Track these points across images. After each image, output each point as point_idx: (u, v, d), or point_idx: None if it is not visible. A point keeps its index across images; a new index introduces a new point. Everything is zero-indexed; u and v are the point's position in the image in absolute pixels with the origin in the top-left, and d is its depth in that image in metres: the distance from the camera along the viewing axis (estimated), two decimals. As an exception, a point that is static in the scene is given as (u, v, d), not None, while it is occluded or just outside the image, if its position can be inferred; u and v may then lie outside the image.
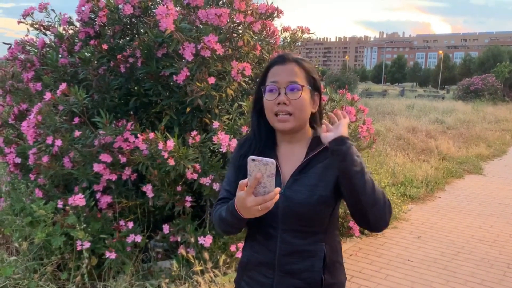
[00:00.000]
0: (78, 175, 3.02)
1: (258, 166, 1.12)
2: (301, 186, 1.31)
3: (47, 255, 2.99)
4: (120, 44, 3.56)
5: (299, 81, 1.32)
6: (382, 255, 3.96)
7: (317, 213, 1.30)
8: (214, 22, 2.81)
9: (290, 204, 1.30)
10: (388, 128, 11.49)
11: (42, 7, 3.84)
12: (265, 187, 1.14)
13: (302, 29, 4.27)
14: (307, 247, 1.32)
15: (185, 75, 2.79)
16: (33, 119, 2.87)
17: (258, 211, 1.16)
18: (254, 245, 1.40)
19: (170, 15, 2.71)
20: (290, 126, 1.32)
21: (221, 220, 1.32)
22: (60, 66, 3.46)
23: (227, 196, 1.40)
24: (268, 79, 1.35)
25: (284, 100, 1.30)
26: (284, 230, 1.33)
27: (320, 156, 1.34)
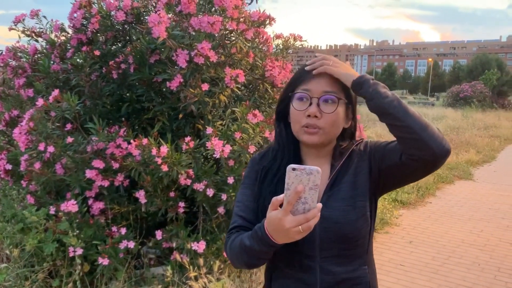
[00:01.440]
0: (70, 181, 3.01)
1: (300, 177, 0.92)
2: (337, 202, 1.15)
3: (39, 262, 2.96)
4: (112, 50, 3.56)
5: (335, 92, 1.16)
6: (375, 260, 3.96)
7: (358, 229, 1.15)
8: (207, 30, 2.83)
9: (328, 225, 1.13)
10: (379, 135, 11.56)
11: (34, 14, 3.84)
12: (305, 203, 0.94)
13: (295, 37, 4.31)
14: (351, 274, 1.16)
15: (178, 81, 2.81)
16: (25, 125, 2.86)
17: (299, 233, 0.95)
18: (285, 282, 1.18)
19: (162, 22, 2.73)
20: (317, 141, 1.17)
21: (244, 251, 1.08)
22: (52, 72, 3.45)
23: (242, 224, 1.17)
24: (300, 86, 1.18)
25: (315, 112, 1.13)
26: (324, 258, 1.14)
27: (347, 164, 1.21)
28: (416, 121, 1.07)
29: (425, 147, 1.06)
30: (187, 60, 2.76)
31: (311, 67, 1.18)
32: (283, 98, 1.24)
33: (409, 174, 1.15)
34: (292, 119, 1.20)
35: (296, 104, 1.18)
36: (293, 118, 1.20)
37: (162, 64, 3.19)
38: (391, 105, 1.09)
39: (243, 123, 2.98)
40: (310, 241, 1.13)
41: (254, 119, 2.94)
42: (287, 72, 3.63)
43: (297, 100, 1.17)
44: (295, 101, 1.18)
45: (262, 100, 3.59)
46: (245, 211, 1.20)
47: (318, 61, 1.18)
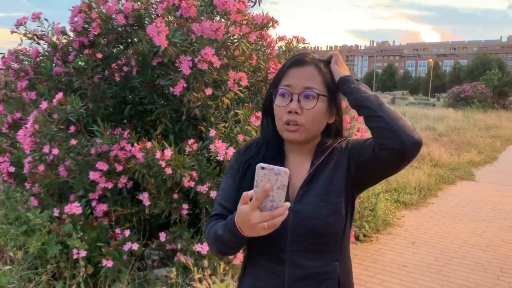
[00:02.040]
0: (74, 183, 3.01)
1: (268, 176, 0.96)
2: (311, 197, 1.17)
3: (42, 264, 2.97)
4: (114, 53, 3.57)
5: (316, 88, 1.17)
6: (377, 261, 3.98)
7: (330, 225, 1.16)
8: (210, 36, 2.83)
9: (300, 220, 1.14)
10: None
11: (35, 17, 3.85)
12: (273, 201, 0.98)
13: (298, 39, 4.32)
14: (320, 269, 1.17)
15: (182, 86, 2.81)
16: (30, 128, 2.87)
17: (264, 229, 0.99)
18: (257, 272, 1.22)
19: (162, 32, 2.73)
20: (299, 138, 1.18)
21: (217, 239, 1.13)
22: (54, 75, 3.46)
23: (222, 213, 1.21)
24: (282, 82, 1.19)
25: (296, 108, 1.15)
26: (294, 252, 1.16)
27: (327, 160, 1.21)
28: (389, 113, 1.11)
29: (395, 137, 1.08)
30: (190, 66, 2.77)
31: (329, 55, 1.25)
32: (268, 95, 1.26)
33: (381, 166, 1.16)
34: (275, 115, 1.21)
35: (278, 100, 1.19)
36: (276, 114, 1.21)
37: (164, 67, 3.20)
38: (368, 99, 1.14)
39: (246, 126, 2.98)
40: (282, 234, 1.14)
41: (257, 121, 2.95)
42: (289, 74, 3.64)
43: (279, 97, 1.19)
44: (277, 98, 1.20)
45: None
46: (226, 200, 1.23)
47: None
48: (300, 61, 1.19)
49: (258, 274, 1.22)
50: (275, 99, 1.20)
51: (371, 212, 4.72)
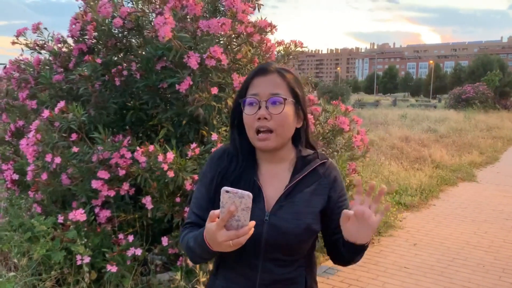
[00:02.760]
0: (76, 190, 3.04)
1: (233, 199, 1.02)
2: (288, 214, 1.21)
3: (46, 270, 2.99)
4: (113, 59, 3.61)
5: (281, 93, 1.21)
6: (379, 263, 3.99)
7: (302, 242, 1.23)
8: (216, 31, 2.87)
9: (275, 233, 1.20)
10: (382, 138, 11.60)
11: (35, 27, 3.88)
12: (238, 221, 1.04)
13: (295, 43, 4.36)
14: (288, 275, 1.24)
15: (188, 83, 2.84)
16: (32, 137, 2.90)
17: (230, 247, 1.06)
18: (229, 275, 1.27)
19: (167, 23, 2.77)
20: (272, 145, 1.21)
21: (189, 250, 1.20)
22: (55, 83, 3.50)
23: (195, 221, 1.26)
24: (248, 92, 1.24)
25: (265, 114, 1.19)
26: (267, 260, 1.22)
27: (307, 180, 1.25)
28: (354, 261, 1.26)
29: (339, 261, 1.30)
30: (198, 62, 2.80)
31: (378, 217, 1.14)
32: (235, 106, 1.28)
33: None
34: (246, 125, 1.24)
35: (247, 109, 1.23)
36: (246, 123, 1.24)
37: (168, 70, 3.23)
38: (356, 259, 1.25)
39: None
40: (257, 244, 1.20)
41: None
42: (287, 78, 3.67)
43: (248, 106, 1.23)
44: (246, 107, 1.23)
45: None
46: (199, 209, 1.28)
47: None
48: (264, 70, 1.24)
49: (231, 276, 1.27)
50: (244, 108, 1.24)
51: (373, 214, 4.73)
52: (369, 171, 6.56)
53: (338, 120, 3.70)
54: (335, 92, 33.47)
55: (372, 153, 8.82)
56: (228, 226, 1.04)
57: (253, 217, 1.13)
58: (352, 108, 3.91)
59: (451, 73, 64.11)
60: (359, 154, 3.74)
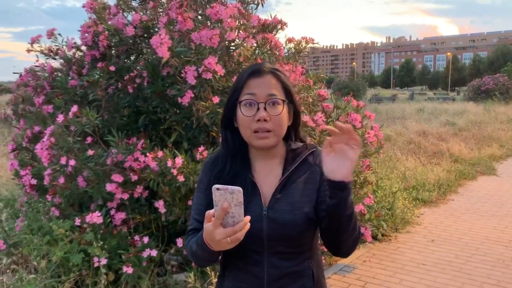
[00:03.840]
0: (93, 193, 3.10)
1: (224, 195, 1.04)
2: (285, 206, 1.23)
3: (65, 272, 3.05)
4: (126, 64, 3.65)
5: (278, 95, 1.23)
6: (396, 260, 3.96)
7: (304, 232, 1.24)
8: (207, 44, 2.89)
9: (275, 227, 1.22)
10: (399, 133, 11.46)
11: (50, 34, 3.95)
12: (233, 217, 1.06)
13: (306, 40, 4.34)
14: (296, 268, 1.25)
15: (189, 97, 2.87)
16: (47, 141, 2.97)
17: (228, 244, 1.07)
18: (237, 274, 1.28)
19: (164, 43, 2.79)
20: (270, 144, 1.24)
21: (193, 254, 1.22)
22: (69, 88, 3.56)
23: (197, 227, 1.27)
24: (244, 93, 1.24)
25: (265, 116, 1.20)
26: (271, 254, 1.23)
27: (299, 170, 1.27)
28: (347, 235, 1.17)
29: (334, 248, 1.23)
30: (196, 76, 2.82)
31: (347, 129, 1.08)
32: (230, 106, 1.28)
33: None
34: (242, 125, 1.25)
35: (244, 110, 1.23)
36: (242, 124, 1.24)
37: (173, 76, 3.26)
38: (343, 218, 1.14)
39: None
40: (259, 239, 1.22)
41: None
42: (297, 75, 3.67)
43: (245, 106, 1.23)
44: (243, 108, 1.24)
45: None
46: (199, 214, 1.28)
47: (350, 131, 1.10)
48: (258, 71, 1.25)
49: (238, 275, 1.28)
50: (240, 109, 1.24)
51: (389, 211, 4.69)
52: (385, 167, 6.48)
53: (350, 116, 3.68)
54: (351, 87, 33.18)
55: (388, 148, 8.74)
56: (224, 223, 1.06)
57: (252, 213, 1.15)
58: (363, 103, 3.87)
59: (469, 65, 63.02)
60: (372, 150, 3.71)
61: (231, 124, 1.29)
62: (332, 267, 3.77)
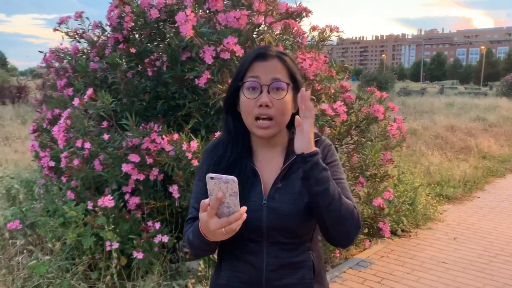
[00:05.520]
0: (107, 177, 3.09)
1: (218, 185, 1.00)
2: (285, 195, 1.19)
3: (79, 255, 3.07)
4: (148, 48, 3.63)
5: (283, 79, 1.18)
6: (415, 257, 3.84)
7: (305, 222, 1.19)
8: (233, 25, 2.82)
9: (275, 217, 1.18)
10: (425, 127, 11.16)
11: (78, 16, 3.96)
12: (229, 207, 1.02)
13: (331, 28, 4.22)
14: (295, 259, 1.21)
15: (206, 78, 2.81)
16: (63, 123, 2.97)
17: (223, 234, 1.03)
18: (234, 263, 1.24)
19: (189, 21, 2.74)
20: (271, 133, 1.20)
21: (190, 244, 1.19)
22: (90, 71, 3.56)
23: (196, 216, 1.22)
24: (247, 76, 1.19)
25: (267, 101, 1.15)
26: (270, 244, 1.20)
27: None
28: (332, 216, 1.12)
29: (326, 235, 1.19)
30: (214, 56, 2.76)
31: (300, 95, 1.11)
32: (233, 89, 1.24)
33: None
34: (244, 110, 1.20)
35: (247, 93, 1.19)
36: (244, 108, 1.20)
37: (193, 61, 3.21)
38: (319, 195, 1.11)
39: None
40: (258, 229, 1.18)
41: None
42: (319, 64, 3.56)
43: (247, 90, 1.19)
44: (246, 91, 1.19)
45: (295, 93, 3.54)
46: (198, 203, 1.20)
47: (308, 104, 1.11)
48: (263, 55, 1.20)
49: (236, 265, 1.24)
50: (243, 92, 1.20)
51: (410, 206, 4.55)
52: (408, 161, 6.30)
53: (372, 108, 3.56)
54: (379, 79, 32.65)
55: (413, 142, 8.53)
56: (219, 213, 1.03)
57: (251, 202, 1.15)
58: (387, 95, 3.74)
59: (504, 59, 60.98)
60: (394, 143, 3.58)
61: (233, 108, 1.25)
62: (348, 261, 3.68)
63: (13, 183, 3.94)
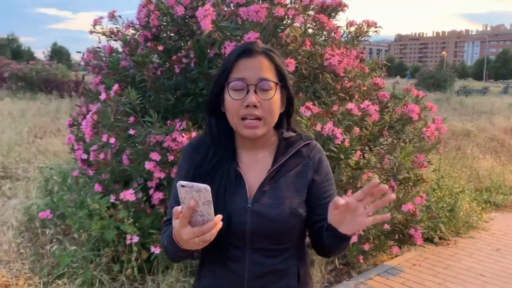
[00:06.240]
0: (132, 171, 3.15)
1: (190, 193, 0.96)
2: (271, 199, 1.13)
3: (103, 247, 3.15)
4: (176, 45, 3.65)
5: (270, 78, 1.13)
6: (450, 267, 3.61)
7: (290, 228, 1.15)
8: (254, 19, 2.77)
9: (260, 221, 1.12)
10: (481, 129, 10.53)
11: (111, 16, 4.07)
12: (203, 216, 0.98)
13: (368, 23, 4.07)
14: (279, 266, 1.16)
15: None
16: (90, 118, 3.05)
17: (196, 244, 0.99)
18: (215, 270, 1.20)
19: (208, 15, 2.71)
20: (259, 133, 1.14)
21: (165, 250, 1.16)
22: (120, 69, 3.63)
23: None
24: (232, 75, 1.13)
25: (254, 102, 1.10)
26: (253, 250, 1.14)
27: (291, 162, 1.18)
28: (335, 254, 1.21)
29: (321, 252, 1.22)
30: None
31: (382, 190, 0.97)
32: (217, 89, 1.17)
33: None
34: (229, 110, 1.14)
35: (233, 94, 1.13)
36: (230, 109, 1.14)
37: (220, 58, 3.19)
38: (337, 251, 1.17)
39: (296, 116, 2.87)
40: (241, 235, 1.13)
41: (307, 112, 2.82)
42: (350, 60, 3.42)
43: (233, 91, 1.13)
44: (231, 92, 1.13)
45: (324, 91, 3.43)
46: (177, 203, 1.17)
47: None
48: (249, 51, 1.14)
49: (216, 271, 1.20)
50: (228, 93, 1.14)
51: (450, 212, 4.28)
52: (455, 165, 5.93)
53: (407, 107, 3.37)
54: (437, 78, 31.31)
55: (465, 145, 8.08)
56: (193, 222, 0.99)
57: (235, 206, 1.12)
58: (424, 94, 3.54)
59: None
60: (429, 146, 3.37)
61: (217, 109, 1.20)
62: (377, 267, 3.52)
63: (52, 174, 4.11)
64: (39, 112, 11.56)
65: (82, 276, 2.97)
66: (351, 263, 3.46)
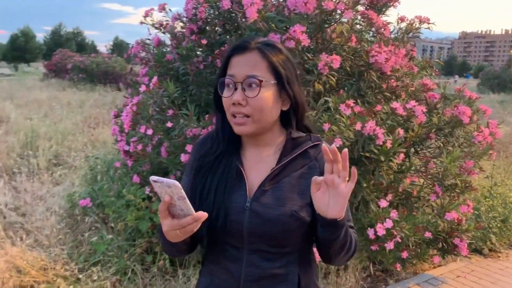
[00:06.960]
0: (168, 164, 3.17)
1: (163, 188, 0.97)
2: (271, 199, 1.10)
3: (138, 237, 3.20)
4: (220, 40, 3.63)
5: (258, 75, 1.09)
6: (499, 281, 3.35)
7: (290, 231, 1.10)
8: (301, 10, 2.69)
9: (258, 221, 1.09)
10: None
11: (161, 8, 4.12)
12: (182, 210, 0.98)
13: (420, 19, 3.86)
14: (277, 270, 1.12)
15: None
16: (129, 109, 3.10)
17: (179, 236, 1.01)
18: (214, 269, 1.19)
19: (254, 4, 2.67)
20: (248, 131, 1.12)
21: (161, 244, 1.17)
22: (165, 61, 3.67)
23: None
24: (227, 72, 1.13)
25: (239, 99, 1.08)
26: (250, 251, 1.12)
27: (296, 163, 1.14)
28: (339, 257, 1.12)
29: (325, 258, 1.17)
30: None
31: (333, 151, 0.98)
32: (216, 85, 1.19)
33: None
34: (225, 107, 1.15)
35: (224, 91, 1.13)
36: (225, 106, 1.14)
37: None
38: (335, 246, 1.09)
39: (336, 114, 2.76)
40: (238, 234, 1.11)
41: (347, 110, 2.70)
42: (399, 58, 3.25)
43: (224, 87, 1.13)
44: (224, 88, 1.14)
45: (369, 90, 3.29)
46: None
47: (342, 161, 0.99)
48: (241, 48, 1.13)
49: (214, 271, 1.19)
50: (222, 90, 1.14)
51: (502, 223, 3.98)
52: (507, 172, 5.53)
53: (457, 109, 3.15)
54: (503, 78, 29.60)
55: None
56: (176, 215, 1.01)
57: (234, 204, 1.11)
58: (477, 96, 3.31)
59: None
60: (480, 151, 3.14)
61: (221, 104, 1.18)
62: (417, 276, 3.34)
63: (97, 163, 4.24)
64: (96, 103, 12.05)
65: (116, 264, 3.03)
66: (389, 270, 3.31)
